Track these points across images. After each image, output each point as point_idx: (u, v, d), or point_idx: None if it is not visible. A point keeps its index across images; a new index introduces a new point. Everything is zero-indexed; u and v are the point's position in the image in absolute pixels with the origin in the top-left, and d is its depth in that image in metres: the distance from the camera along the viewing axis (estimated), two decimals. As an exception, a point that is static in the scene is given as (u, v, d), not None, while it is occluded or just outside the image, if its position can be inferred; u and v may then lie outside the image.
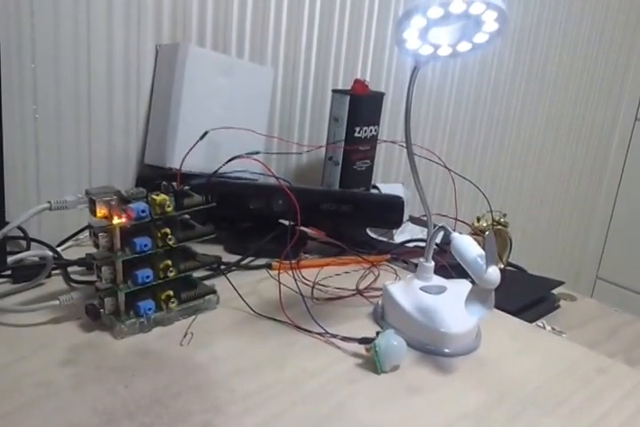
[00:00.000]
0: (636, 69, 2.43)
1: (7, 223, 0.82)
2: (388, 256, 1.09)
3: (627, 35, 2.32)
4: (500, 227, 1.15)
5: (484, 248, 0.75)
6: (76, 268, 0.95)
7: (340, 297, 0.94)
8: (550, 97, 2.11)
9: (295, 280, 0.92)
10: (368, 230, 1.22)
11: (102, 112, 1.10)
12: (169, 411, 0.65)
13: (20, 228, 0.99)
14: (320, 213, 1.09)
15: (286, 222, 1.09)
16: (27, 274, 0.90)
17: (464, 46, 0.80)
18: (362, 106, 1.27)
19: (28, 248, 1.00)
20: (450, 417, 0.68)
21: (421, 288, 0.86)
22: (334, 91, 1.30)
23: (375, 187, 1.35)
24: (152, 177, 1.12)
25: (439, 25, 0.75)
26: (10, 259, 0.91)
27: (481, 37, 0.78)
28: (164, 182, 0.83)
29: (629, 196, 2.58)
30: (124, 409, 0.65)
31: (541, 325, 1.01)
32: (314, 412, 0.67)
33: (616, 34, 2.27)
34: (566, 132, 2.25)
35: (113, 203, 0.77)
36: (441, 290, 0.86)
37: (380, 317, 0.88)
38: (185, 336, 0.80)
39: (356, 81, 1.28)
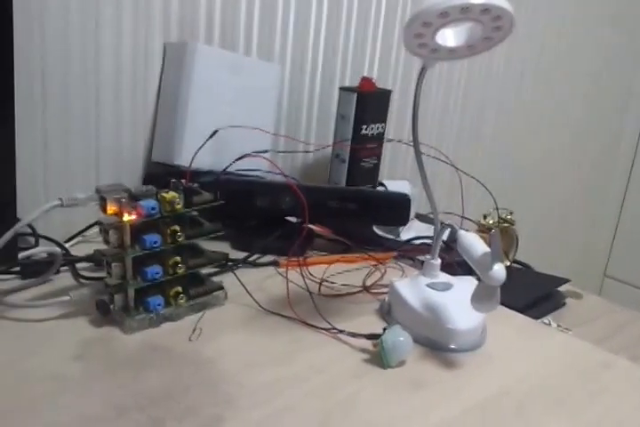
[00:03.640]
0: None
1: (19, 220, 0.83)
2: (395, 253, 1.10)
3: (636, 34, 2.31)
4: (506, 224, 1.16)
5: (490, 246, 0.75)
6: (83, 264, 0.96)
7: (347, 294, 0.95)
8: (558, 95, 2.11)
9: (303, 277, 0.93)
10: (374, 228, 1.23)
11: (110, 110, 1.10)
12: (179, 405, 0.66)
13: (28, 224, 0.99)
14: (327, 211, 1.10)
15: (293, 220, 1.10)
16: (35, 270, 0.91)
17: (472, 46, 0.80)
18: (369, 103, 1.27)
19: (36, 245, 1.01)
20: (455, 412, 0.69)
21: (428, 285, 0.87)
22: (341, 88, 1.30)
23: (382, 184, 1.35)
24: (159, 174, 1.13)
25: (448, 26, 0.76)
26: (18, 255, 0.92)
27: (489, 37, 0.78)
28: (174, 180, 0.84)
29: (638, 193, 2.57)
30: (135, 403, 0.65)
31: (547, 322, 1.02)
32: (321, 406, 0.68)
33: (624, 33, 2.26)
34: (575, 129, 2.25)
35: (123, 200, 0.77)
36: (447, 287, 0.87)
37: (386, 313, 0.89)
38: (194, 332, 0.80)
39: (364, 78, 1.29)
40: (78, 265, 0.95)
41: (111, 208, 0.77)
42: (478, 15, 0.73)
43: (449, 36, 0.79)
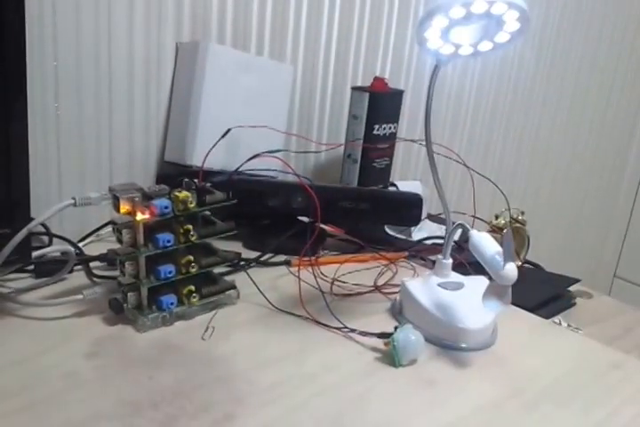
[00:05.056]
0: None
1: (32, 219, 0.83)
2: (406, 253, 1.10)
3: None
4: (517, 225, 1.16)
5: (501, 245, 0.75)
6: (97, 263, 0.96)
7: (359, 293, 0.95)
8: (571, 95, 2.10)
9: (314, 276, 0.93)
10: (386, 228, 1.23)
11: (123, 109, 1.11)
12: (192, 402, 0.66)
13: (42, 223, 1.00)
14: (339, 211, 1.10)
15: (305, 219, 1.10)
16: (49, 269, 0.92)
17: (485, 46, 0.80)
18: (381, 103, 1.27)
19: (50, 244, 1.01)
20: (465, 410, 0.69)
21: (439, 284, 0.87)
22: (353, 88, 1.31)
23: (393, 184, 1.35)
24: (172, 174, 1.14)
25: (461, 24, 0.76)
26: (32, 254, 0.92)
27: (502, 37, 0.79)
28: (186, 179, 0.84)
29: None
30: (149, 400, 0.66)
31: (557, 321, 1.02)
32: (333, 404, 0.69)
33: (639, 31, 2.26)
34: (587, 130, 2.25)
35: (136, 199, 0.78)
36: (458, 286, 0.87)
37: (397, 312, 0.89)
38: (206, 330, 0.81)
39: (376, 78, 1.29)
40: (91, 264, 0.96)
41: (124, 207, 0.78)
42: (490, 14, 0.73)
43: (463, 35, 0.79)
